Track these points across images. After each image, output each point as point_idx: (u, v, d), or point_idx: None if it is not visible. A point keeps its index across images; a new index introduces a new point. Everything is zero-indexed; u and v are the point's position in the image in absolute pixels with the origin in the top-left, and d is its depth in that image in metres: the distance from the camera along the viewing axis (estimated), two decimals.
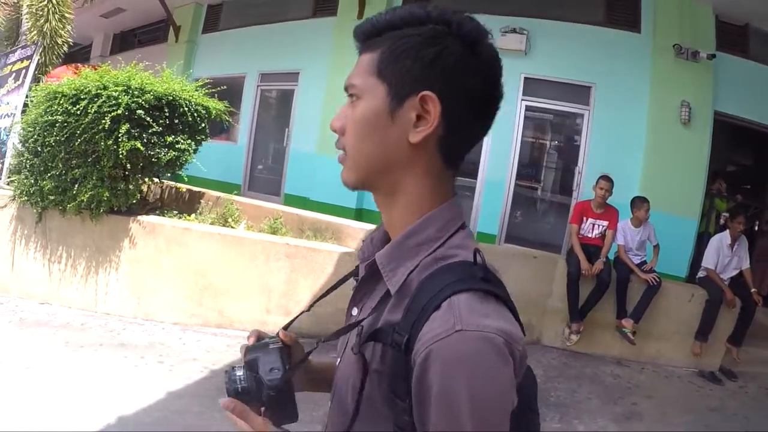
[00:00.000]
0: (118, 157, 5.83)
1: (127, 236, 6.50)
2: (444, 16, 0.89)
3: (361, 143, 0.90)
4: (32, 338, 6.36)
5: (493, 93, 0.94)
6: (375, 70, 0.89)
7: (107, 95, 5.66)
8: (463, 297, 0.77)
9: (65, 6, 8.93)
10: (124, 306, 6.65)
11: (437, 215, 0.90)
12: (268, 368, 0.98)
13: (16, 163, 6.83)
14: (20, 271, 7.43)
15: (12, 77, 9.07)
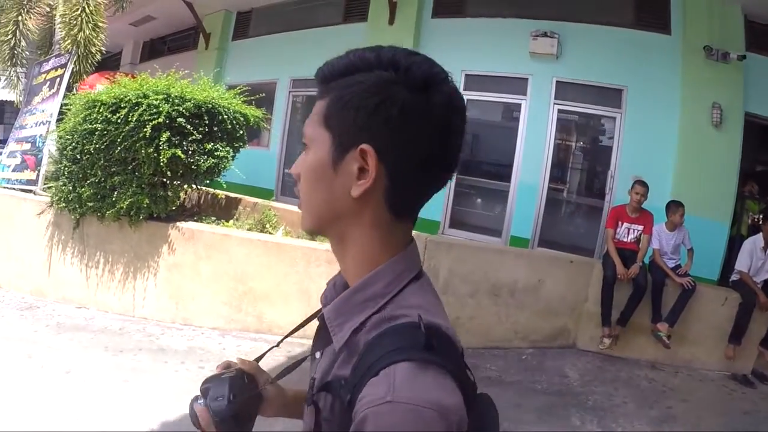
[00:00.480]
0: (159, 164, 5.88)
1: (166, 242, 6.56)
2: (394, 59, 0.86)
3: (310, 192, 0.90)
4: (71, 342, 6.45)
5: (449, 142, 0.89)
6: (323, 119, 0.88)
7: (148, 104, 5.72)
8: (400, 367, 0.74)
9: (98, 15, 9.04)
10: (162, 311, 6.72)
11: (385, 270, 0.87)
12: (214, 396, 1.04)
13: (54, 170, 6.90)
14: (57, 275, 7.56)
15: (47, 85, 9.21)
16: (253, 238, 6.37)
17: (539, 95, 8.14)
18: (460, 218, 8.72)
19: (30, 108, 9.46)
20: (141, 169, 6.05)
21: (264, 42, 12.21)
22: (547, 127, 8.14)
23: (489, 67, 8.51)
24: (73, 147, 6.40)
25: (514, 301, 6.32)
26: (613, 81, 8.06)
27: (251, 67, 12.03)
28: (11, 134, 9.92)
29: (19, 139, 9.32)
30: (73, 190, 6.59)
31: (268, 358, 1.42)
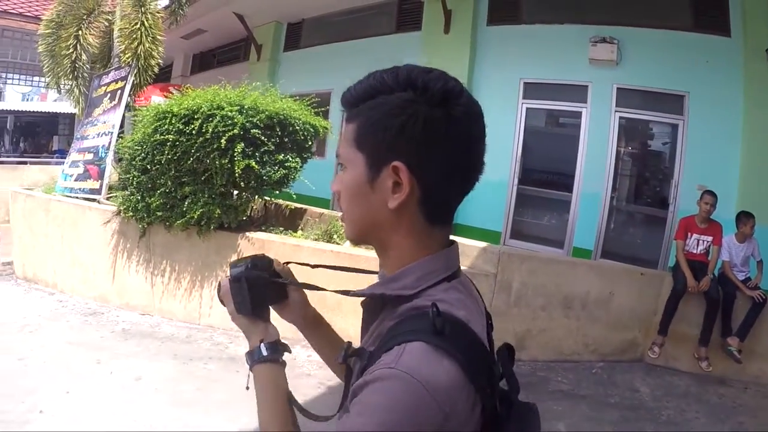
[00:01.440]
0: (233, 175, 5.96)
1: (235, 252, 6.62)
2: (411, 79, 0.94)
3: (351, 208, 1.00)
4: (138, 349, 6.56)
5: (471, 151, 0.97)
6: (354, 142, 0.96)
7: (222, 115, 5.80)
8: (410, 345, 0.83)
9: (157, 28, 9.22)
10: (228, 320, 6.73)
11: (416, 266, 0.95)
12: (236, 264, 1.21)
13: (121, 180, 7.03)
14: (121, 283, 7.71)
15: (107, 97, 9.42)
16: (324, 248, 6.38)
17: (600, 103, 8.02)
18: (521, 229, 8.63)
19: (91, 119, 9.67)
20: (213, 179, 6.12)
21: (316, 52, 12.28)
22: (608, 135, 8.01)
23: (548, 75, 8.41)
24: (142, 158, 6.51)
25: (585, 314, 6.22)
26: (674, 86, 7.87)
27: (305, 77, 12.08)
28: (73, 144, 10.16)
29: (81, 149, 9.53)
30: (142, 199, 6.72)
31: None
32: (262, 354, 1.21)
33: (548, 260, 6.64)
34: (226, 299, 1.22)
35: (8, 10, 13.27)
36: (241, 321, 1.23)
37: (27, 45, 15.53)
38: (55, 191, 9.42)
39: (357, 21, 11.55)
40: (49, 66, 10.33)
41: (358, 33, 11.35)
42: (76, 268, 8.30)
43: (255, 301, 1.22)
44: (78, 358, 6.31)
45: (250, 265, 1.18)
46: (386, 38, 10.69)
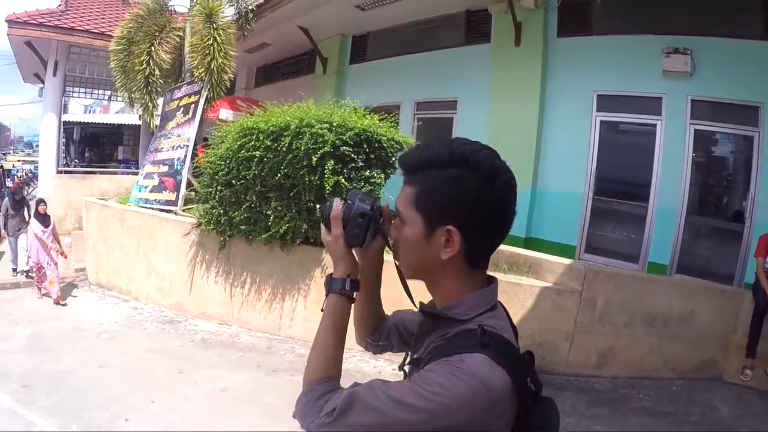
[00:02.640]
0: (321, 191, 6.08)
1: (319, 265, 6.76)
2: (464, 156, 1.14)
3: (409, 255, 1.23)
4: (220, 359, 6.70)
5: (506, 214, 1.18)
6: (414, 204, 1.18)
7: (312, 133, 5.92)
8: (465, 354, 1.05)
9: (229, 44, 9.41)
10: (310, 332, 6.80)
11: (467, 299, 1.19)
12: (363, 199, 1.29)
13: (205, 193, 7.18)
14: (198, 292, 7.92)
15: (180, 111, 9.68)
16: None
17: (674, 115, 7.80)
18: (596, 243, 8.49)
19: (164, 132, 9.95)
20: (301, 195, 6.23)
21: (383, 65, 12.29)
22: (684, 148, 7.78)
23: (621, 87, 8.26)
24: (225, 172, 6.68)
25: (666, 332, 6.13)
26: (749, 97, 7.62)
27: (372, 90, 11.76)
28: (146, 157, 10.45)
29: (155, 161, 9.79)
30: (225, 213, 6.89)
31: None
32: (345, 287, 1.33)
33: (632, 278, 6.58)
34: (335, 222, 1.30)
35: (75, 27, 13.63)
36: (338, 247, 1.32)
37: (93, 60, 15.96)
38: (130, 202, 9.70)
39: (423, 33, 11.50)
40: (121, 81, 10.62)
41: (425, 46, 11.30)
42: (152, 276, 8.53)
43: (356, 240, 1.31)
44: (160, 367, 6.48)
45: (375, 206, 1.29)
46: (454, 51, 10.62)
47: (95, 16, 15.17)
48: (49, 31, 13.37)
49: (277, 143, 6.07)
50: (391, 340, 1.59)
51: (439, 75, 10.74)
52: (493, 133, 9.27)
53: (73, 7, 15.12)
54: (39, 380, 6.13)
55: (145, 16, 10.64)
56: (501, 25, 9.45)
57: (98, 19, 14.87)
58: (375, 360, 6.40)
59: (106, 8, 16.34)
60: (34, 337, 7.56)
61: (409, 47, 11.66)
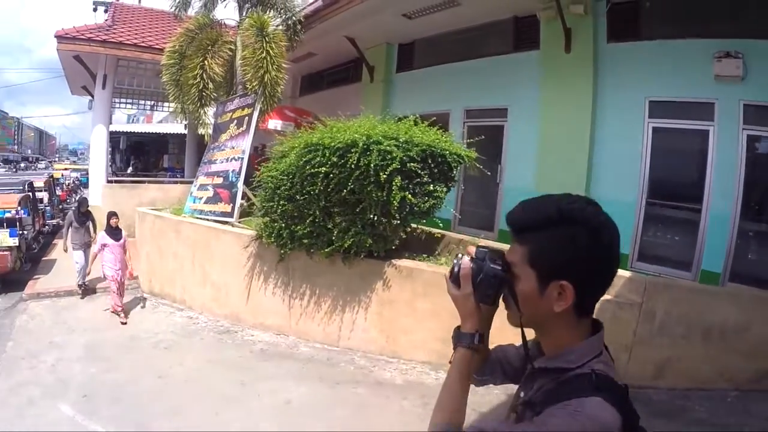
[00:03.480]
0: (388, 206, 6.14)
1: (381, 279, 6.81)
2: (572, 215, 1.22)
3: (522, 307, 1.30)
4: (281, 370, 6.75)
5: (614, 263, 1.26)
6: (527, 261, 1.27)
7: (379, 149, 5.98)
8: (589, 399, 1.14)
9: (281, 57, 9.53)
10: (369, 343, 6.99)
11: (577, 348, 1.27)
12: (493, 258, 1.35)
13: (266, 207, 7.29)
14: (256, 303, 8.02)
15: (233, 123, 9.84)
16: None
17: (727, 121, 7.63)
18: (648, 251, 8.40)
19: (218, 144, 10.11)
20: (367, 210, 6.28)
21: (431, 73, 12.26)
22: (737, 154, 7.63)
23: (672, 93, 8.11)
24: (288, 187, 6.76)
25: (722, 342, 6.05)
26: None
27: (420, 98, 12.11)
28: (200, 168, 10.62)
29: (209, 173, 9.96)
30: (286, 227, 6.98)
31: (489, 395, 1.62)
32: (473, 342, 1.39)
33: (690, 289, 6.51)
34: (465, 281, 1.37)
35: (123, 41, 13.98)
36: (468, 304, 1.39)
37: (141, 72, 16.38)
38: (185, 213, 9.88)
39: (471, 41, 11.47)
40: (174, 94, 10.84)
41: (472, 53, 11.27)
42: (207, 287, 8.67)
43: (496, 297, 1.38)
44: (221, 378, 6.56)
45: (505, 268, 1.34)
46: (503, 58, 10.57)
47: (141, 30, 15.57)
48: (98, 45, 13.80)
49: (343, 160, 6.12)
50: (494, 375, 1.65)
51: (488, 82, 10.72)
52: (544, 140, 9.34)
53: (120, 21, 15.59)
54: (99, 390, 6.25)
55: (196, 31, 10.85)
56: (550, 32, 9.39)
57: (144, 33, 15.23)
58: (436, 372, 6.43)
59: (151, 22, 16.83)
60: (90, 345, 7.69)
61: (456, 55, 11.64)
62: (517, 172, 9.89)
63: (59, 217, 19.13)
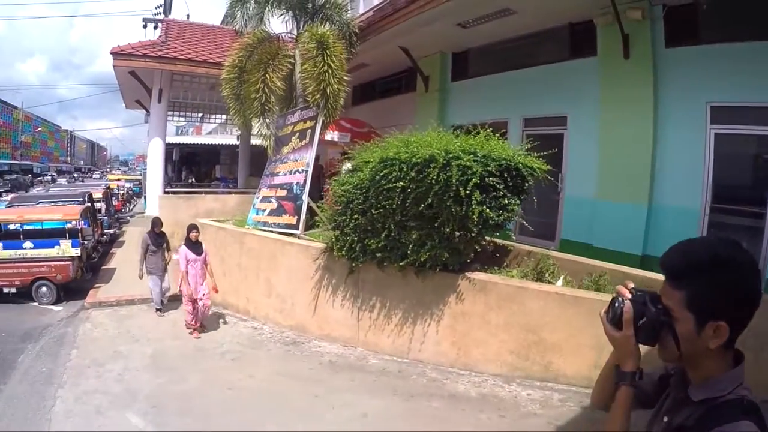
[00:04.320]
0: (466, 221, 6.17)
1: (454, 292, 6.82)
2: (726, 260, 1.34)
3: (681, 347, 1.41)
4: (353, 383, 6.78)
5: (759, 299, 1.37)
6: (685, 306, 1.39)
7: (459, 165, 6.00)
8: (742, 422, 1.30)
9: (341, 69, 9.61)
10: (440, 356, 6.99)
11: (725, 378, 1.41)
12: (654, 303, 1.46)
13: (339, 221, 7.37)
14: (323, 315, 8.10)
15: (295, 136, 9.96)
16: (550, 290, 6.43)
17: None
18: None
19: (280, 157, 10.25)
20: (444, 225, 6.29)
21: (486, 81, 12.18)
22: None
23: (735, 98, 7.86)
24: (361, 201, 6.83)
25: None
26: None
27: (476, 107, 12.07)
28: (262, 181, 10.77)
29: (272, 185, 10.10)
30: (359, 240, 7.04)
31: (563, 407, 1.58)
32: (635, 379, 1.53)
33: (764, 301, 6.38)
34: (627, 325, 1.48)
35: (177, 56, 14.34)
36: (629, 345, 1.52)
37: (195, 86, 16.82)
38: (248, 224, 10.03)
39: (526, 48, 11.40)
40: (235, 107, 11.01)
41: (528, 61, 11.20)
42: (272, 298, 8.78)
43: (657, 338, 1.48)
44: (293, 391, 6.61)
45: (666, 312, 1.44)
46: (559, 65, 10.48)
47: (194, 44, 15.96)
48: (153, 61, 14.22)
49: (422, 175, 6.15)
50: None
51: (546, 90, 10.62)
52: (605, 148, 9.22)
53: (173, 37, 16.00)
54: (167, 401, 6.36)
55: (254, 45, 10.99)
56: (607, 38, 9.26)
57: (197, 48, 15.61)
58: (509, 385, 6.41)
59: (202, 37, 17.25)
60: (156, 355, 7.84)
61: (512, 63, 11.57)
62: (577, 180, 9.79)
63: (116, 226, 19.70)
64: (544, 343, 6.34)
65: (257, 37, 10.99)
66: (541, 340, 6.34)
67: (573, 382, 6.19)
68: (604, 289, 6.50)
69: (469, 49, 12.90)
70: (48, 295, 11.21)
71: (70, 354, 7.98)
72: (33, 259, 11.14)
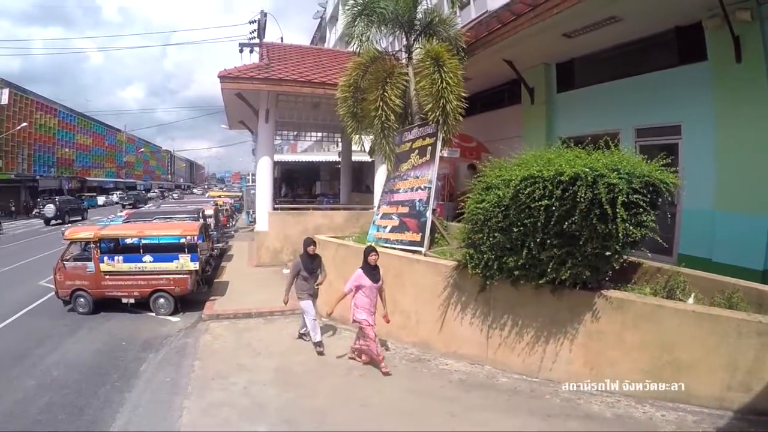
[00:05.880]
0: (611, 239, 6.08)
1: (590, 310, 6.69)
2: None
3: None
4: (486, 401, 6.71)
5: None
6: None
7: (605, 183, 5.92)
8: None
9: (459, 86, 9.67)
10: (571, 375, 6.86)
11: None
12: None
13: (475, 239, 7.35)
14: (449, 332, 8.10)
15: (415, 153, 10.07)
16: (686, 308, 6.21)
17: None
18: None
19: (399, 174, 10.38)
20: (588, 243, 6.21)
21: (594, 91, 11.99)
22: None
23: None
24: (500, 219, 6.78)
25: None
26: None
27: (584, 118, 11.91)
28: (381, 197, 10.95)
29: (392, 202, 10.23)
30: (496, 258, 7.00)
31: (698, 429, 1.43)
32: None
33: None
34: None
35: (283, 78, 14.86)
36: None
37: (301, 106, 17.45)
38: (368, 241, 10.15)
39: (632, 56, 11.11)
40: (352, 126, 11.27)
41: (635, 68, 11.00)
42: (396, 315, 8.80)
43: None
44: (428, 409, 6.59)
45: None
46: (668, 72, 10.16)
47: (296, 65, 16.54)
48: (260, 83, 14.83)
49: (567, 193, 6.10)
50: None
51: (656, 98, 10.31)
52: (723, 157, 8.90)
53: (275, 59, 16.70)
54: (300, 416, 6.46)
55: (368, 64, 11.22)
56: (717, 41, 8.94)
57: (300, 68, 16.12)
58: (642, 406, 6.24)
59: (302, 58, 17.90)
60: (281, 369, 7.97)
61: (618, 71, 11.34)
62: (695, 192, 9.23)
63: (224, 241, 20.55)
64: (677, 363, 6.14)
65: (370, 56, 11.22)
66: (674, 360, 6.14)
67: (705, 404, 5.99)
68: (737, 306, 6.27)
69: (573, 59, 12.75)
70: (165, 306, 11.87)
71: (193, 365, 8.29)
72: (152, 272, 11.81)
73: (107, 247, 12.42)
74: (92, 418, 6.82)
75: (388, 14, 11.02)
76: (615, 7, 9.49)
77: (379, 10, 10.94)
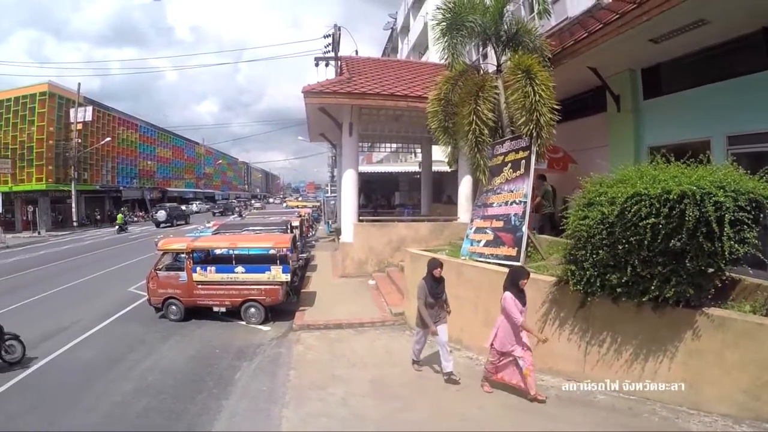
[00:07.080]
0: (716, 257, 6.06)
1: (691, 328, 6.62)
2: None
3: None
4: (585, 418, 6.71)
5: None
6: None
7: (713, 201, 5.90)
8: None
9: (552, 98, 9.67)
10: (669, 394, 6.78)
11: None
12: None
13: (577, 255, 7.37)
14: (545, 348, 7.91)
15: (508, 167, 10.14)
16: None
17: None
18: None
19: (492, 188, 10.46)
20: (693, 260, 6.18)
21: (682, 98, 11.49)
22: None
23: None
24: (604, 236, 6.75)
25: None
26: None
27: (673, 126, 11.55)
28: (474, 211, 11.04)
29: (485, 216, 10.31)
30: (599, 275, 7.00)
31: None
32: None
33: None
34: None
35: (366, 92, 15.13)
36: None
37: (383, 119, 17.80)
38: (462, 255, 10.25)
39: (720, 59, 10.60)
40: (444, 140, 11.40)
41: (725, 73, 10.46)
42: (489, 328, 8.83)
43: None
44: (529, 425, 6.62)
45: None
46: (760, 75, 9.59)
47: (377, 79, 16.76)
48: (344, 97, 15.19)
49: (674, 211, 6.07)
50: None
51: (748, 104, 9.79)
52: None
53: (356, 73, 17.03)
54: (400, 429, 6.58)
55: (456, 77, 11.30)
56: None
57: (382, 82, 16.34)
58: (739, 425, 6.13)
59: (382, 71, 18.13)
60: (377, 381, 8.07)
61: (705, 76, 10.84)
62: None
63: (307, 251, 21.06)
64: None
65: (458, 69, 11.28)
66: None
67: None
68: None
69: (659, 64, 12.27)
70: (256, 316, 12.24)
71: (289, 375, 8.50)
72: (244, 282, 12.22)
73: (199, 258, 13.06)
74: (190, 423, 7.08)
75: (477, 27, 11.05)
76: (704, 10, 9.16)
77: (469, 24, 10.96)
